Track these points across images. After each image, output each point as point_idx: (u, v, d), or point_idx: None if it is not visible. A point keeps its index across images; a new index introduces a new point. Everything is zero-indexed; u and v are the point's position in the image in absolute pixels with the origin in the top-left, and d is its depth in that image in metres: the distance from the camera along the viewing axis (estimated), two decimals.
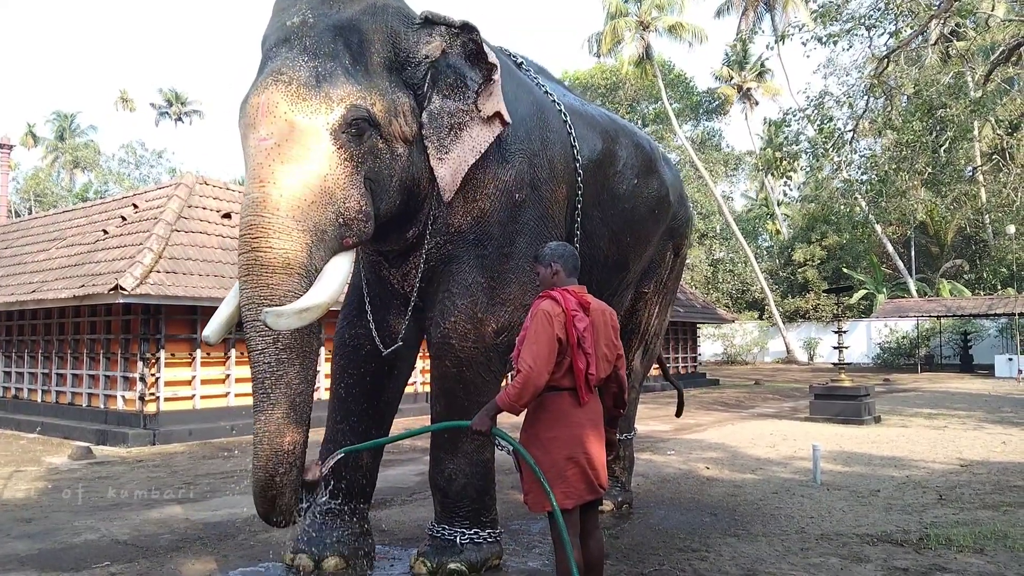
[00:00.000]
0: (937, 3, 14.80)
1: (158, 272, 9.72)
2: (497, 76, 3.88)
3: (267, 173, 3.31)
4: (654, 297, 5.90)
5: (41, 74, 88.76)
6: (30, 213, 33.73)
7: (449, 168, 3.83)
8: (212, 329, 3.56)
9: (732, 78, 39.28)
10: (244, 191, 3.45)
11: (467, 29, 3.87)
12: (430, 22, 3.85)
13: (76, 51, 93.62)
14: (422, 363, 12.76)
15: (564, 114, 4.60)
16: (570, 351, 3.18)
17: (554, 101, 4.61)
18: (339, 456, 3.54)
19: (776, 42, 23.64)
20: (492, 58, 3.89)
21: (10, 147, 23.83)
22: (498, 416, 3.29)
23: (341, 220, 3.46)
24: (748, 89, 39.21)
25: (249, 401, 8.46)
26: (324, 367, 8.58)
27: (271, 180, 3.30)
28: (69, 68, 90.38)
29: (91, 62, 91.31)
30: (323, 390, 10.17)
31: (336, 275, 3.42)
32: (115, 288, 9.12)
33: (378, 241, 3.92)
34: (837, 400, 11.75)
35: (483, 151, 3.88)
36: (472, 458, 4.06)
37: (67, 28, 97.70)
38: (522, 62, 4.81)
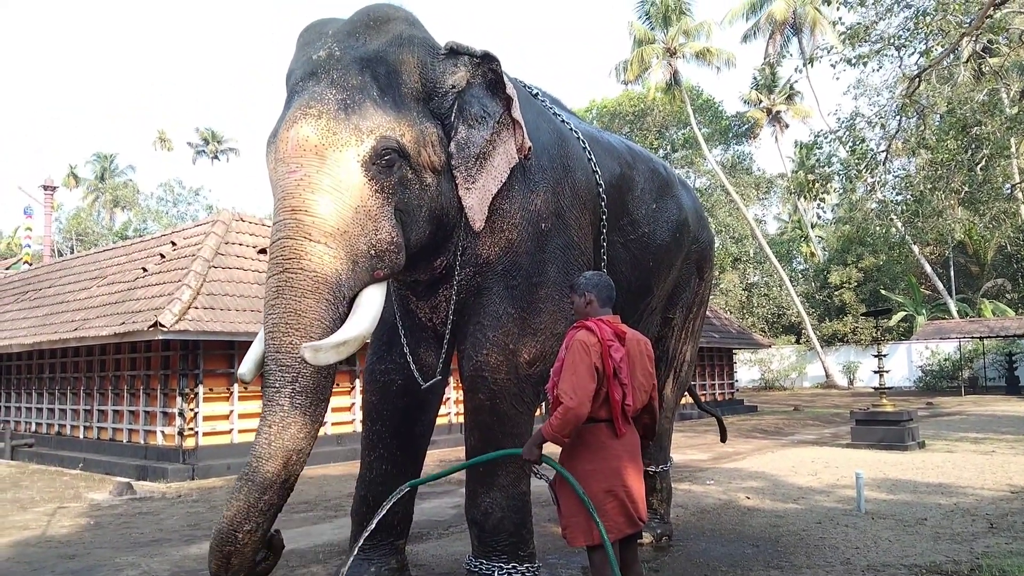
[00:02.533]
0: (968, 20, 14.65)
1: (196, 308, 9.88)
2: (516, 106, 3.91)
3: (298, 202, 3.31)
4: (681, 323, 5.87)
5: (82, 117, 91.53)
6: (72, 252, 34.54)
7: (476, 198, 3.83)
8: (247, 368, 3.53)
9: (761, 101, 39.05)
10: (273, 220, 3.45)
11: (488, 59, 3.90)
12: (455, 52, 3.88)
13: (115, 95, 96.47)
14: (457, 394, 12.78)
15: (583, 141, 4.62)
16: (606, 381, 3.16)
17: (572, 129, 4.63)
18: (389, 505, 3.51)
19: (804, 65, 23.57)
20: (510, 89, 3.91)
21: (53, 188, 24.56)
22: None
23: (373, 251, 3.46)
24: (778, 112, 38.96)
25: None
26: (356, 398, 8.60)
27: (303, 208, 3.31)
28: (108, 111, 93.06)
29: (129, 105, 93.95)
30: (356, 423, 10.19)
31: (370, 307, 3.43)
32: (154, 325, 9.30)
33: (407, 272, 3.91)
34: (879, 425, 11.47)
35: (503, 179, 3.88)
36: (509, 491, 4.01)
37: (106, 73, 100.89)
38: (537, 92, 4.84)
